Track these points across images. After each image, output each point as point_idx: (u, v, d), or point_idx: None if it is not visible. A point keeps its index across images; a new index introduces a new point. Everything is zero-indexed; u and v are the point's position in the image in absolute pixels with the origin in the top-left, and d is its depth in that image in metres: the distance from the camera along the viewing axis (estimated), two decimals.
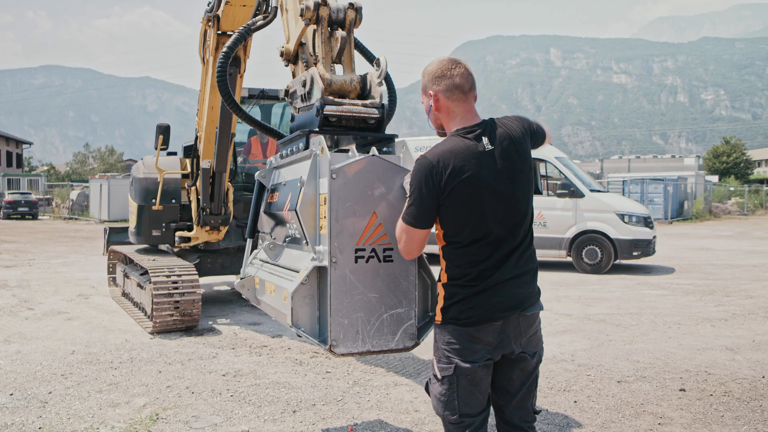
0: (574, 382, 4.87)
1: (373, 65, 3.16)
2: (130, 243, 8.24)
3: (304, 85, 3.03)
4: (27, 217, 31.35)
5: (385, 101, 3.03)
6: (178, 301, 6.28)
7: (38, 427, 3.90)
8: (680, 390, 4.70)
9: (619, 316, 7.47)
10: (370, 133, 2.94)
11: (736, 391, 4.69)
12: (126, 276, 7.95)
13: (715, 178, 45.15)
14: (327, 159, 2.55)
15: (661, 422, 4.04)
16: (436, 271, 2.81)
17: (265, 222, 3.34)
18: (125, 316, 7.30)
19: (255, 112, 8.50)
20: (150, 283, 6.41)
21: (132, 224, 7.57)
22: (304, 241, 2.73)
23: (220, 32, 6.00)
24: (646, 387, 4.77)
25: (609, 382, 4.89)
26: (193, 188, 7.14)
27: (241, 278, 3.32)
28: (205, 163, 6.63)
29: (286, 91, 3.31)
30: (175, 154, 7.77)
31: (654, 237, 12.05)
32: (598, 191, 12.57)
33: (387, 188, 2.59)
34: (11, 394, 4.50)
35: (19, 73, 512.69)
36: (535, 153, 11.68)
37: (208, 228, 7.04)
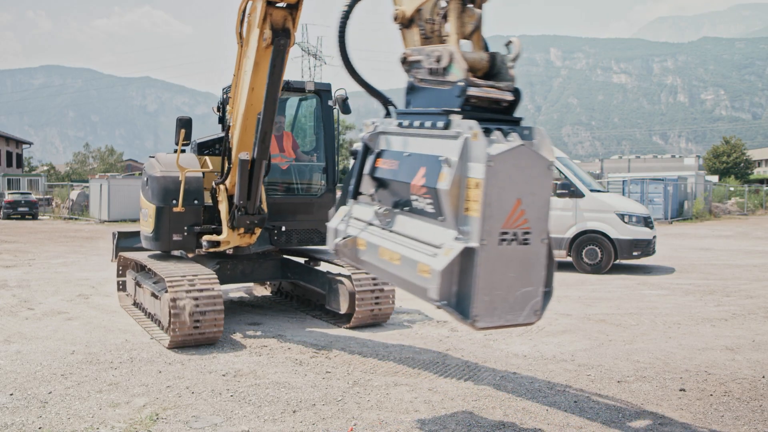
0: (574, 382, 4.87)
1: (505, 46, 3.12)
2: (140, 249, 7.64)
3: (438, 60, 3.01)
4: (27, 217, 31.33)
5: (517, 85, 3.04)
6: (198, 321, 5.73)
7: (38, 427, 3.90)
8: (680, 390, 4.70)
9: (619, 316, 7.47)
10: (500, 115, 2.99)
11: (736, 391, 4.69)
12: (138, 285, 7.31)
13: (715, 178, 45.13)
14: (483, 145, 2.67)
15: (661, 422, 4.04)
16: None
17: (366, 184, 3.40)
18: (125, 316, 7.29)
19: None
20: (166, 292, 5.89)
21: (148, 228, 6.82)
22: (440, 218, 2.84)
23: (269, 2, 5.51)
24: (646, 387, 4.77)
25: (609, 382, 4.89)
26: (221, 187, 6.53)
27: (344, 238, 3.41)
28: (243, 155, 6.02)
29: (404, 59, 3.28)
30: (183, 151, 7.48)
31: (654, 237, 12.04)
32: (598, 191, 12.57)
33: (531, 175, 2.74)
34: (11, 394, 4.50)
35: (19, 73, 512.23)
36: None
37: (242, 230, 6.46)
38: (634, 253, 11.63)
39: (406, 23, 3.33)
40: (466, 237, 2.70)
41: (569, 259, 12.05)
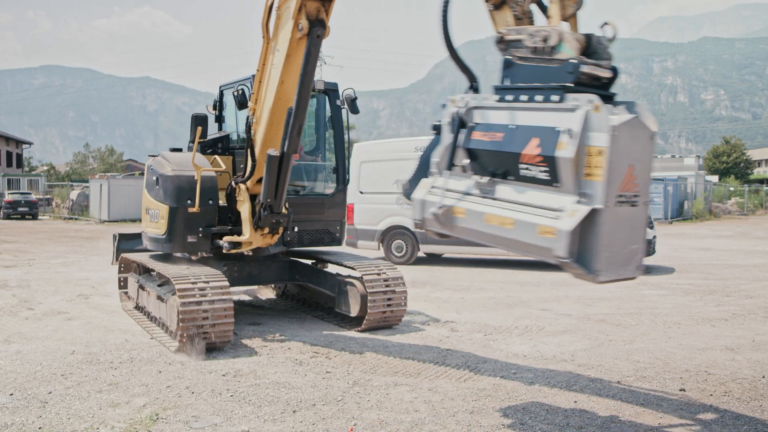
0: (574, 382, 4.87)
1: (600, 28, 3.40)
2: (141, 250, 7.50)
3: (545, 40, 3.28)
4: (27, 217, 31.34)
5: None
6: (207, 332, 5.60)
7: (38, 427, 3.90)
8: (680, 390, 4.70)
9: (619, 316, 7.47)
10: (600, 91, 3.25)
11: (736, 391, 4.69)
12: (142, 288, 7.11)
13: (715, 178, 45.12)
14: (605, 117, 2.97)
15: (661, 422, 4.04)
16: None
17: (460, 156, 3.64)
18: (125, 316, 7.29)
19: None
20: (174, 295, 5.81)
21: (159, 229, 6.52)
22: (556, 184, 3.14)
23: None
24: (646, 387, 4.77)
25: (609, 382, 4.89)
26: (242, 186, 6.32)
27: (440, 207, 3.65)
28: (272, 151, 5.85)
29: (501, 38, 3.53)
30: (180, 150, 7.27)
31: (654, 237, 12.04)
32: None
33: (641, 144, 3.09)
34: (11, 394, 4.50)
35: (19, 73, 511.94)
36: None
37: (266, 230, 6.28)
38: None
39: (497, 4, 3.58)
40: (589, 200, 3.01)
41: None
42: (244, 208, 6.32)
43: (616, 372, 5.17)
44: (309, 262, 7.57)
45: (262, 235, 6.32)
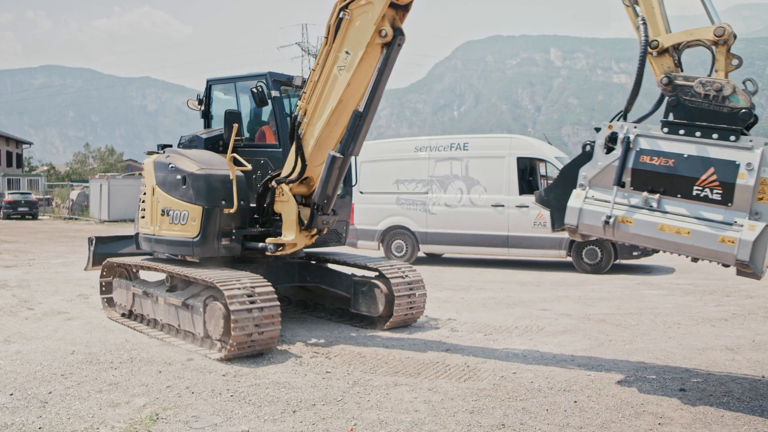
0: (574, 382, 4.87)
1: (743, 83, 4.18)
2: (126, 254, 7.33)
3: (718, 90, 4.03)
4: (27, 217, 31.36)
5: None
6: (254, 340, 5.41)
7: (38, 427, 3.91)
8: (680, 390, 4.70)
9: (619, 316, 7.47)
10: (745, 130, 4.11)
11: (736, 391, 4.69)
12: (146, 294, 6.69)
13: None
14: None
15: (661, 422, 4.04)
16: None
17: (624, 173, 4.29)
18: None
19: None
20: (215, 301, 5.60)
21: (188, 232, 6.18)
22: (729, 204, 3.95)
23: (392, 4, 5.46)
24: (646, 387, 4.77)
25: (609, 382, 4.88)
26: (284, 186, 6.13)
27: (608, 217, 4.29)
28: (335, 153, 5.82)
29: (670, 81, 4.27)
30: (170, 146, 7.12)
31: None
32: None
33: None
34: (11, 394, 4.50)
35: (19, 73, 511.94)
36: (534, 153, 11.66)
37: (314, 231, 6.20)
38: (634, 253, 11.62)
39: (661, 52, 4.35)
40: (760, 217, 3.88)
41: (569, 259, 12.05)
42: (289, 210, 6.15)
43: (616, 372, 5.17)
44: (312, 263, 7.54)
45: (307, 236, 6.24)
